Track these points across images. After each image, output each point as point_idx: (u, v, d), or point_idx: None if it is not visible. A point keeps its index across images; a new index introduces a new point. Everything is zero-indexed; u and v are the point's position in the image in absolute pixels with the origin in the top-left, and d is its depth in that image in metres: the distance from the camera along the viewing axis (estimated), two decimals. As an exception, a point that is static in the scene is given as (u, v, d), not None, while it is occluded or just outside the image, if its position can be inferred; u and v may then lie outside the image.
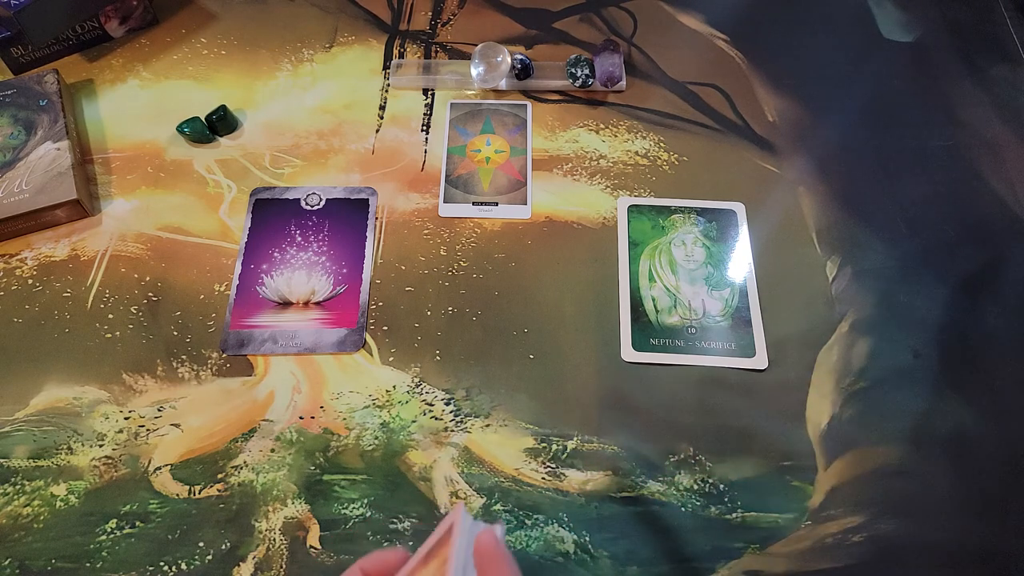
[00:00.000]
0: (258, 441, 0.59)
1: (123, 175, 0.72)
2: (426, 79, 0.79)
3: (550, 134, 0.75)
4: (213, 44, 0.81)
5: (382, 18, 0.84)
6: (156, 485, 0.57)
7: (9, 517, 0.55)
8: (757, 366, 0.62)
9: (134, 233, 0.68)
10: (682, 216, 0.70)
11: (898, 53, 0.82)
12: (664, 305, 0.65)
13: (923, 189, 0.72)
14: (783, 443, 0.59)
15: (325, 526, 0.55)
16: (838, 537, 0.56)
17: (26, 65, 0.77)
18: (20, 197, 0.66)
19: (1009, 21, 0.85)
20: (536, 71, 0.78)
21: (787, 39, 0.84)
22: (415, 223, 0.70)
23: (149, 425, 0.59)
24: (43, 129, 0.70)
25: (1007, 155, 0.75)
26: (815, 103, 0.78)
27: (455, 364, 0.62)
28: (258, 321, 0.64)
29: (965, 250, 0.69)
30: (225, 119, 0.74)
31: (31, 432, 0.58)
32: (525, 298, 0.66)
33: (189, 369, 0.62)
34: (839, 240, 0.69)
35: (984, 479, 0.58)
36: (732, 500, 0.57)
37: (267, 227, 0.69)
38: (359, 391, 0.61)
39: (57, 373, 0.61)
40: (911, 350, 0.64)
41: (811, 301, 0.66)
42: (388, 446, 0.59)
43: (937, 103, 0.78)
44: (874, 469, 0.58)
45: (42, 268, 0.66)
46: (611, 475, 0.58)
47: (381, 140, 0.75)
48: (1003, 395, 0.61)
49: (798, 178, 0.73)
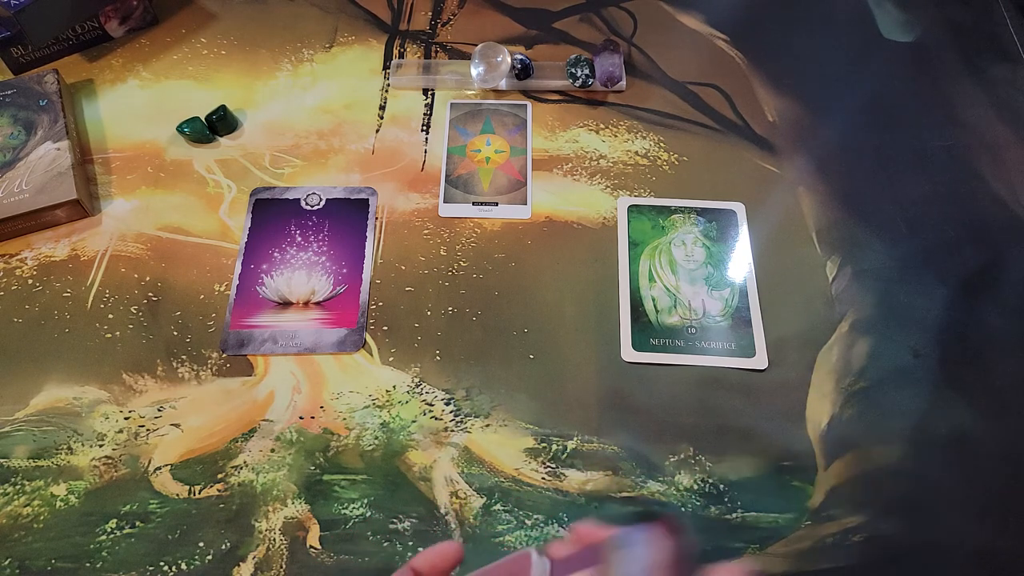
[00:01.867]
0: (258, 441, 0.59)
1: (123, 175, 0.72)
2: (426, 79, 0.79)
3: (550, 134, 0.75)
4: (213, 44, 0.81)
5: (382, 18, 0.84)
6: (156, 485, 0.57)
7: (9, 517, 0.55)
8: (757, 366, 0.62)
9: (134, 233, 0.68)
10: (682, 216, 0.70)
11: (898, 53, 0.82)
12: (664, 305, 0.65)
13: (923, 189, 0.72)
14: (783, 443, 0.59)
15: (325, 526, 0.55)
16: (838, 537, 0.56)
17: (26, 65, 0.77)
18: (20, 197, 0.66)
19: (1009, 21, 0.85)
20: (536, 71, 0.78)
21: (787, 39, 0.84)
22: (415, 223, 0.70)
23: (149, 425, 0.59)
24: (43, 129, 0.70)
25: (1007, 155, 0.75)
26: (815, 103, 0.78)
27: (455, 364, 0.62)
28: (258, 321, 0.64)
29: (965, 250, 0.69)
30: (225, 119, 0.74)
31: (31, 432, 0.58)
32: (525, 298, 0.66)
33: (189, 369, 0.62)
34: (839, 240, 0.69)
35: (984, 479, 0.58)
36: (732, 500, 0.57)
37: (267, 227, 0.69)
38: (359, 391, 0.61)
39: (57, 373, 0.61)
40: (911, 350, 0.64)
41: (811, 301, 0.66)
42: (388, 446, 0.59)
43: (937, 103, 0.78)
44: (874, 469, 0.58)
45: (42, 268, 0.66)
46: (611, 475, 0.58)
47: (381, 140, 0.75)
48: (1003, 395, 0.61)
49: (798, 178, 0.73)
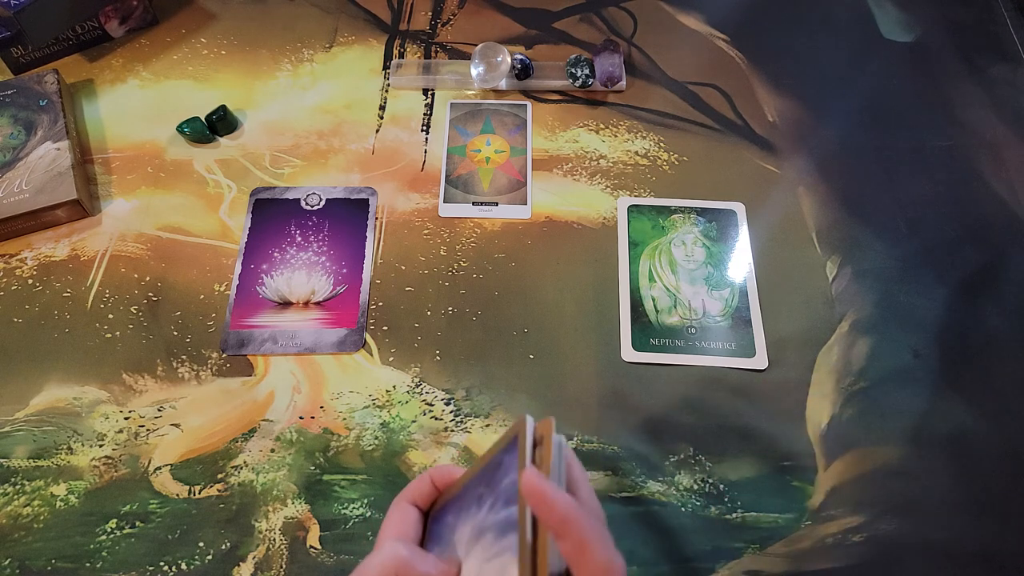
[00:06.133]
0: (258, 441, 0.59)
1: (123, 175, 0.72)
2: (426, 79, 0.79)
3: (550, 134, 0.75)
4: (213, 44, 0.81)
5: (382, 18, 0.84)
6: (156, 485, 0.57)
7: (9, 517, 0.55)
8: (757, 366, 0.62)
9: (134, 233, 0.68)
10: (682, 216, 0.70)
11: (898, 53, 0.82)
12: (664, 305, 0.65)
13: (923, 189, 0.72)
14: (783, 443, 0.59)
15: (325, 526, 0.55)
16: (838, 537, 0.56)
17: (26, 65, 0.77)
18: (20, 197, 0.66)
19: (1009, 21, 0.85)
20: (536, 71, 0.78)
21: (787, 39, 0.84)
22: (415, 223, 0.70)
23: (149, 425, 0.59)
24: (43, 129, 0.70)
25: (1007, 155, 0.75)
26: (815, 103, 0.78)
27: (455, 364, 0.62)
28: (258, 321, 0.64)
29: (965, 250, 0.69)
30: (225, 119, 0.74)
31: (31, 432, 0.58)
32: (525, 298, 0.66)
33: (189, 369, 0.62)
34: (839, 240, 0.69)
35: (984, 479, 0.58)
36: (732, 500, 0.57)
37: (267, 227, 0.69)
38: (359, 391, 0.61)
39: (57, 373, 0.61)
40: (911, 350, 0.64)
41: (811, 301, 0.66)
42: (388, 446, 0.59)
43: (937, 103, 0.78)
44: (874, 469, 0.58)
45: (42, 268, 0.66)
46: (611, 475, 0.58)
47: (381, 140, 0.75)
48: (1003, 395, 0.61)
49: (798, 178, 0.73)
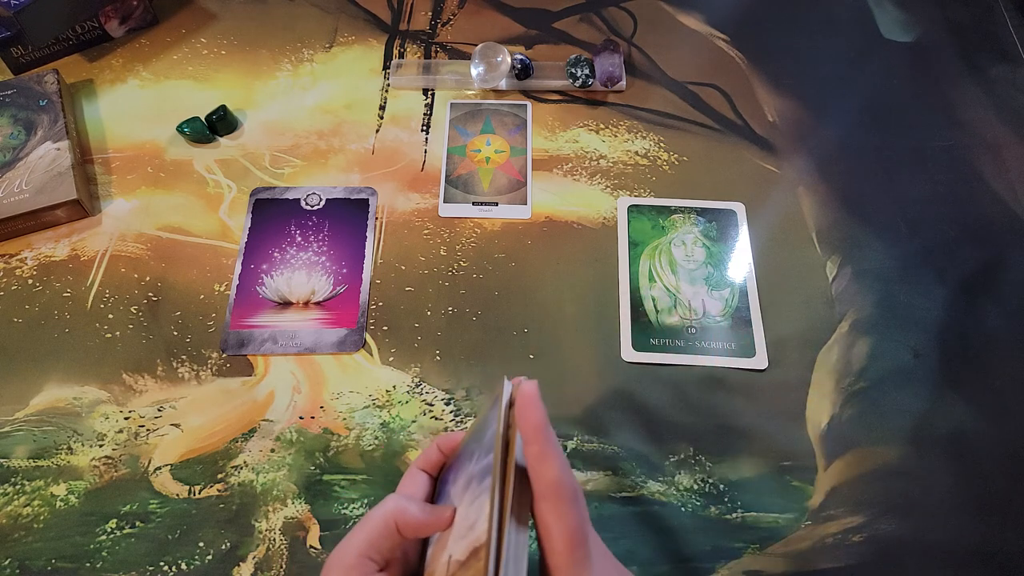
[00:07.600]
0: (258, 441, 0.59)
1: (123, 175, 0.72)
2: (426, 79, 0.79)
3: (550, 134, 0.75)
4: (213, 44, 0.81)
5: (382, 18, 0.84)
6: (156, 485, 0.57)
7: (9, 517, 0.55)
8: (757, 366, 0.62)
9: (134, 233, 0.68)
10: (682, 216, 0.70)
11: (898, 53, 0.82)
12: (664, 305, 0.65)
13: (923, 189, 0.72)
14: (783, 443, 0.59)
15: (325, 526, 0.55)
16: (838, 537, 0.56)
17: (26, 65, 0.77)
18: (20, 197, 0.66)
19: (1009, 21, 0.85)
20: (536, 71, 0.78)
21: (787, 39, 0.84)
22: (415, 223, 0.70)
23: (149, 425, 0.59)
24: (43, 129, 0.70)
25: (1007, 155, 0.75)
26: (815, 103, 0.78)
27: (455, 364, 0.62)
28: (258, 321, 0.64)
29: (965, 250, 0.69)
30: (225, 119, 0.74)
31: (31, 432, 0.58)
32: (525, 298, 0.66)
33: (189, 369, 0.62)
34: (839, 240, 0.69)
35: (984, 479, 0.58)
36: (732, 500, 0.57)
37: (267, 227, 0.69)
38: (359, 391, 0.61)
39: (57, 373, 0.61)
40: (911, 350, 0.64)
41: (811, 301, 0.66)
42: (388, 446, 0.59)
43: (937, 103, 0.78)
44: (874, 469, 0.58)
45: (42, 268, 0.66)
46: (611, 475, 0.58)
47: (381, 140, 0.75)
48: (1003, 395, 0.61)
49: (798, 178, 0.73)
